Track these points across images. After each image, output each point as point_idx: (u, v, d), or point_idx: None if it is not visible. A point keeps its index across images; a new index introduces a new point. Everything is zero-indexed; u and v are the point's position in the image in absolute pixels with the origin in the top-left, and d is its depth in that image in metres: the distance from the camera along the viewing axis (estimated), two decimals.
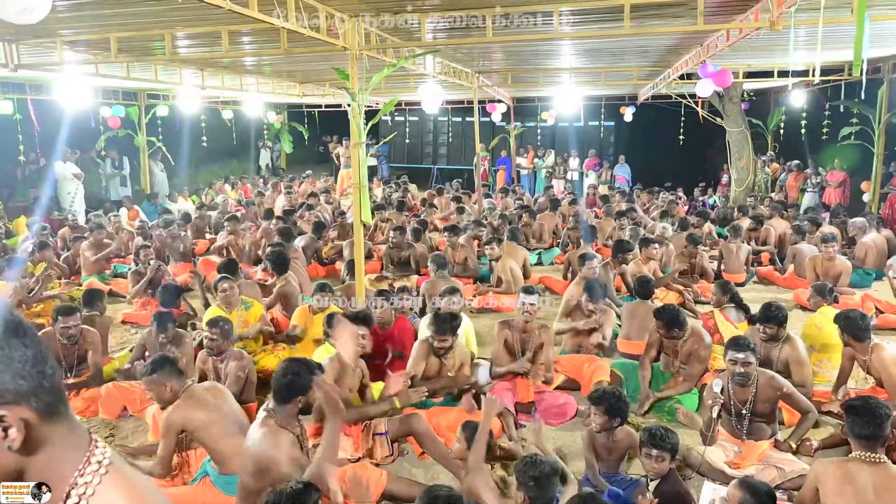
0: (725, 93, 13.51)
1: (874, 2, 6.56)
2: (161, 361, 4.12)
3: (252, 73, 13.37)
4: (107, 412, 5.36)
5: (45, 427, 1.12)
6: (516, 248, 9.20)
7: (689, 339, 5.36)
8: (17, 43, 8.49)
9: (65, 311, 5.63)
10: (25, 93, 13.07)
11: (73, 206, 13.58)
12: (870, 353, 4.86)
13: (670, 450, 3.59)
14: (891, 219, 11.85)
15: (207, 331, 5.21)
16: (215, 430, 3.92)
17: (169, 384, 4.01)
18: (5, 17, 3.88)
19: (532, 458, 3.31)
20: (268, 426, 3.43)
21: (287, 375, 3.50)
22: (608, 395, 4.05)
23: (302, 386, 3.49)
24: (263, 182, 19.53)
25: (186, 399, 4.00)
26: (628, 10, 6.20)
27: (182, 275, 9.15)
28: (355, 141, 6.54)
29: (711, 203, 15.83)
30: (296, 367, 3.56)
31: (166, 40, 7.81)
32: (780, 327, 5.20)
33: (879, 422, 3.21)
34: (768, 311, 5.21)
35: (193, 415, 3.92)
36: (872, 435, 3.21)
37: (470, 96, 13.92)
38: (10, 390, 1.08)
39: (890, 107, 12.31)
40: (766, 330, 5.20)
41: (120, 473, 1.19)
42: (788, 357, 5.15)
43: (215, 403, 4.06)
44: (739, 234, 9.36)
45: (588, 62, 12.37)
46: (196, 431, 3.92)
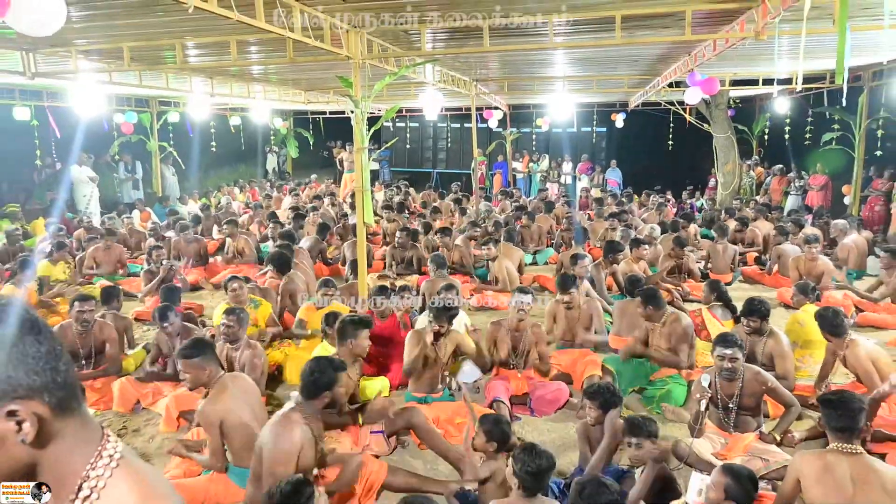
0: (712, 100, 13.71)
1: (854, 13, 6.69)
2: (200, 344, 4.12)
3: (259, 81, 13.56)
4: (121, 405, 5.43)
5: (57, 422, 1.12)
6: (512, 249, 9.36)
7: (668, 320, 5.59)
8: (34, 52, 8.68)
9: (81, 297, 5.76)
10: (42, 100, 13.33)
11: (89, 209, 13.85)
12: (845, 348, 5.02)
13: (648, 436, 3.70)
14: (870, 220, 12.13)
15: (224, 318, 5.25)
16: (240, 423, 3.93)
17: (209, 368, 4.02)
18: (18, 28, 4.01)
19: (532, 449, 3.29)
20: (290, 419, 3.56)
21: (314, 373, 3.74)
22: (603, 389, 4.17)
23: (327, 382, 3.72)
24: (270, 185, 19.97)
25: (220, 391, 3.97)
26: (619, 21, 6.38)
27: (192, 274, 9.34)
28: (358, 146, 6.68)
29: (699, 206, 16.07)
30: (321, 365, 3.80)
31: (177, 49, 7.96)
32: (763, 320, 5.39)
33: (853, 414, 3.27)
34: (751, 305, 5.42)
35: (229, 406, 3.92)
36: (847, 427, 3.27)
37: (468, 103, 14.14)
38: (24, 385, 1.08)
39: (870, 113, 12.56)
40: (749, 323, 5.41)
41: (131, 467, 1.19)
42: (772, 350, 5.35)
43: (243, 395, 4.06)
44: (726, 235, 9.52)
45: (581, 71, 12.57)
46: (228, 425, 3.90)
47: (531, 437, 4.91)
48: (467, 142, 19.84)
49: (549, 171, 20.38)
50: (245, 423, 3.94)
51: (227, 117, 18.44)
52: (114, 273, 9.56)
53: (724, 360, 4.45)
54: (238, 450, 3.96)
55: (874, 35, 8.28)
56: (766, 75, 12.38)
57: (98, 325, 5.78)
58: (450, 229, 10.19)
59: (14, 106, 12.47)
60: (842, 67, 4.53)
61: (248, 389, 4.18)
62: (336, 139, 22.35)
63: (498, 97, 16.19)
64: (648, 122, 18.12)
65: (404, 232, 9.65)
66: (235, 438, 3.94)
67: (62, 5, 3.73)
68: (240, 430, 3.93)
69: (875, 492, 3.13)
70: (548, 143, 21.97)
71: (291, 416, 3.58)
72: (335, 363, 3.89)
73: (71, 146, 13.42)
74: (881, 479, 3.16)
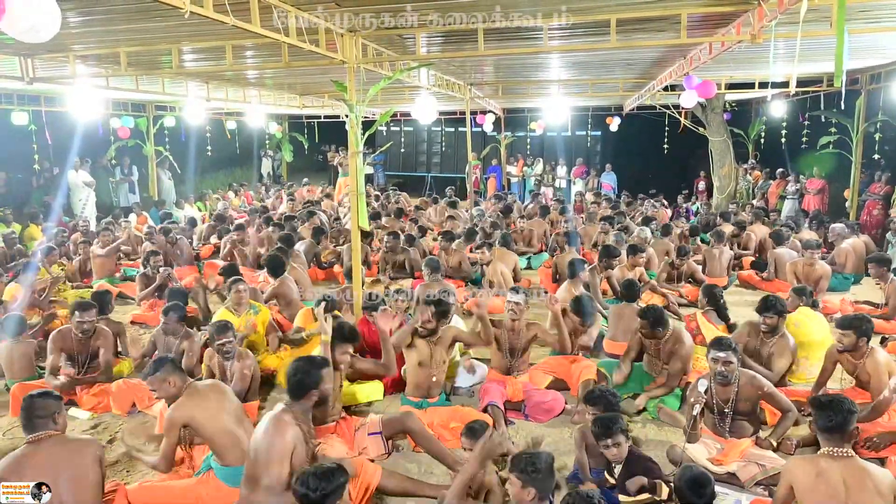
0: (708, 103, 13.74)
1: (852, 16, 6.69)
2: (161, 361, 4.27)
3: (254, 85, 13.62)
4: (117, 407, 5.54)
5: None
6: (507, 253, 9.35)
7: (671, 340, 5.51)
8: (32, 57, 8.73)
9: (82, 306, 5.80)
10: (40, 105, 13.38)
11: (85, 213, 13.94)
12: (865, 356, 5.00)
13: (621, 433, 3.81)
14: (869, 224, 12.13)
15: (219, 336, 5.35)
16: (216, 425, 4.04)
17: (171, 380, 4.16)
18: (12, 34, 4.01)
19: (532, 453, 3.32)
20: (282, 420, 3.67)
21: (297, 374, 3.81)
22: (604, 395, 4.22)
23: (313, 381, 3.79)
24: (265, 190, 20.02)
25: (188, 396, 4.12)
26: (614, 25, 6.36)
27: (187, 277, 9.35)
28: (353, 150, 6.66)
29: (695, 210, 16.11)
30: (304, 365, 3.87)
31: (173, 54, 7.98)
32: (779, 317, 5.45)
33: (843, 416, 3.26)
34: (767, 302, 5.47)
35: (194, 410, 4.03)
36: (836, 427, 3.26)
37: (462, 107, 14.15)
38: None
39: (868, 116, 12.51)
40: (766, 320, 5.45)
41: None
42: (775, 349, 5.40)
43: (216, 399, 4.18)
44: (722, 240, 9.53)
45: (576, 74, 12.58)
46: (198, 426, 4.03)
47: (525, 442, 4.91)
48: (462, 146, 19.81)
49: (543, 174, 20.40)
50: (223, 424, 4.06)
51: (222, 121, 18.49)
52: (112, 275, 9.61)
53: (717, 363, 4.44)
54: (223, 451, 4.05)
55: (872, 38, 8.29)
56: (763, 78, 12.37)
57: (97, 331, 5.87)
58: (452, 233, 10.19)
59: (12, 111, 12.47)
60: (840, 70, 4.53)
61: (223, 396, 4.28)
62: (331, 143, 22.37)
63: (492, 101, 16.20)
64: (644, 125, 18.11)
65: (392, 236, 9.63)
66: (217, 440, 4.04)
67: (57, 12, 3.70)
68: (219, 432, 4.04)
69: (868, 495, 3.13)
70: (542, 146, 21.96)
71: (283, 417, 3.68)
72: (317, 361, 3.98)
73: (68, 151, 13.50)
74: (874, 481, 3.16)
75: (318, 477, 2.99)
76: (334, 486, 3.00)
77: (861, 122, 12.62)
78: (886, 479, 3.21)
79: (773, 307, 5.46)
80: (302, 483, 3.00)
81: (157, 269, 8.33)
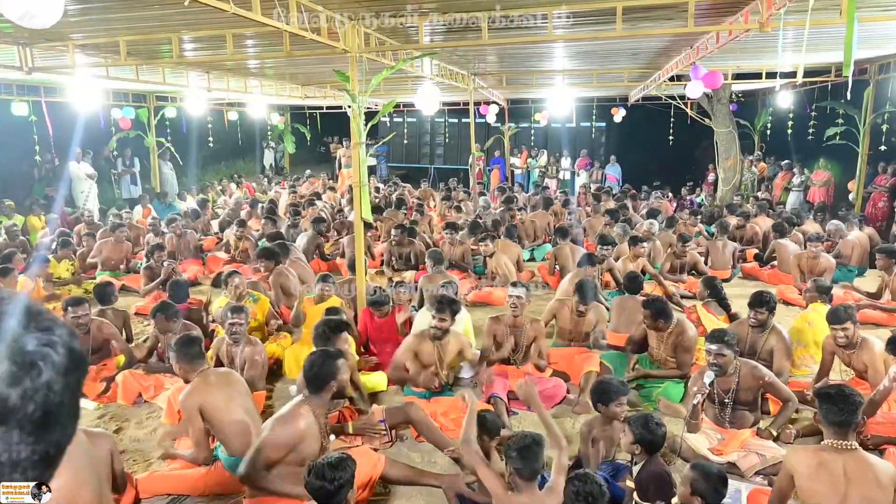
0: (714, 94, 13.63)
1: (862, 3, 6.57)
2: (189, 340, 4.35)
3: (256, 75, 13.53)
4: (123, 398, 5.53)
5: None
6: (510, 245, 9.36)
7: (675, 331, 5.50)
8: (30, 47, 8.65)
9: (74, 301, 5.79)
10: (40, 95, 13.31)
11: (87, 205, 13.90)
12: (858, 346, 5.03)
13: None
14: (873, 217, 12.05)
15: (231, 317, 5.34)
16: (225, 413, 4.06)
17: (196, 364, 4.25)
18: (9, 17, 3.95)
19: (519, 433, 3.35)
20: (298, 413, 3.69)
21: (314, 367, 3.82)
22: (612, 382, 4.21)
23: (330, 373, 3.81)
24: (268, 181, 19.97)
25: (200, 382, 4.15)
26: (620, 13, 6.28)
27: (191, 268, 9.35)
28: (355, 141, 6.63)
29: (699, 202, 16.03)
30: (320, 358, 3.89)
31: (173, 43, 7.91)
32: (769, 313, 5.40)
33: (852, 409, 3.22)
34: (760, 297, 5.42)
35: (207, 396, 4.06)
36: (844, 421, 3.21)
37: (466, 98, 14.07)
38: None
39: (875, 108, 12.41)
40: (756, 316, 5.40)
41: None
42: (773, 346, 5.34)
43: (228, 387, 4.20)
44: (726, 232, 9.46)
45: (580, 64, 12.50)
46: (208, 413, 4.05)
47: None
48: (465, 137, 19.66)
49: (547, 166, 20.28)
50: (232, 413, 4.08)
51: (223, 113, 18.44)
52: (116, 268, 9.60)
53: (710, 355, 4.47)
54: (229, 440, 4.08)
55: (882, 26, 8.16)
56: (770, 68, 12.18)
57: (96, 325, 5.87)
58: (457, 224, 10.13)
59: (12, 101, 12.43)
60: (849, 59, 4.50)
61: (233, 383, 4.30)
62: (333, 135, 22.29)
63: (496, 91, 16.09)
64: (649, 116, 17.99)
65: (399, 229, 9.59)
66: (224, 429, 4.06)
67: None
68: (227, 420, 4.06)
69: (869, 486, 3.11)
70: (546, 138, 21.85)
71: (299, 410, 3.71)
72: (332, 353, 3.99)
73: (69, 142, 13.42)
74: (875, 473, 3.14)
75: (333, 467, 3.02)
76: (349, 475, 3.05)
77: (869, 113, 12.51)
78: (889, 470, 3.19)
79: (766, 303, 5.40)
80: (317, 475, 3.01)
81: (161, 263, 8.31)
